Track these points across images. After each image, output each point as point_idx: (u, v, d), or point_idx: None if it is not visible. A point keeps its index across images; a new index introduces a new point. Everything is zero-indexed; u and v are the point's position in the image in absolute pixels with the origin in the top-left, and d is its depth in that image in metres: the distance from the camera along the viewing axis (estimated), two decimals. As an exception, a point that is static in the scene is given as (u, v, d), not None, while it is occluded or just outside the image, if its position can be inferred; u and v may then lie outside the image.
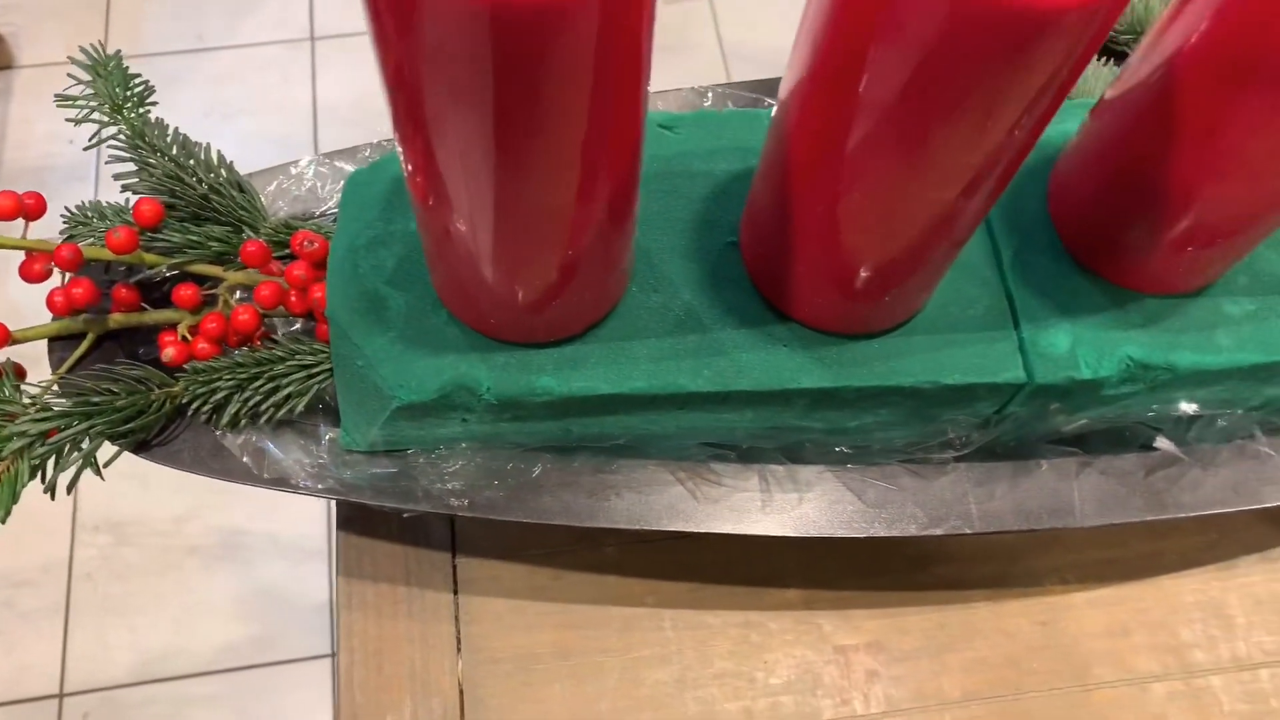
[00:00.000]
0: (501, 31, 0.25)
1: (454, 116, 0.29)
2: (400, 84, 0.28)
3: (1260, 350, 0.41)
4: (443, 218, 0.33)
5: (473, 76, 0.26)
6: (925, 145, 0.30)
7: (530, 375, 0.39)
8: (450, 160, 0.30)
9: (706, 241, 0.42)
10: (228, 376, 0.43)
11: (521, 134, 0.29)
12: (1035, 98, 0.29)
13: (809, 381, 0.40)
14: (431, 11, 0.24)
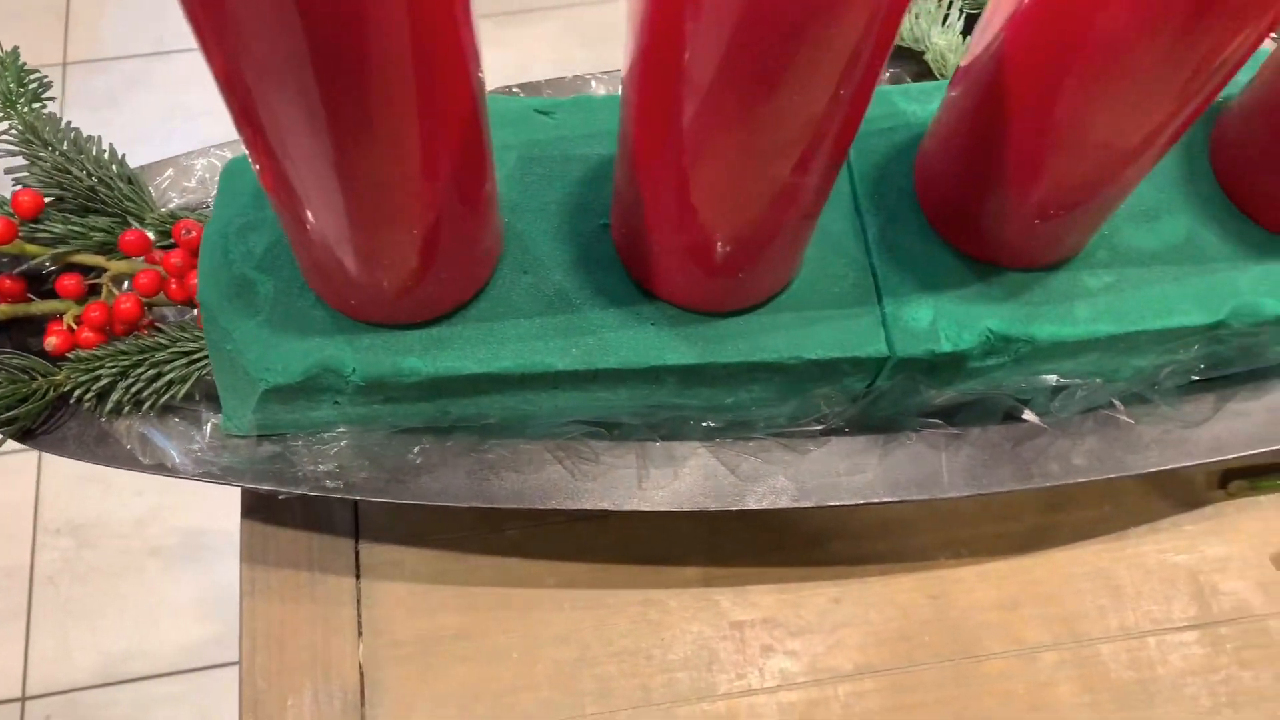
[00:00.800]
0: (312, 19, 0.25)
1: (278, 107, 0.29)
2: (224, 76, 0.29)
3: (1116, 321, 0.42)
4: (290, 205, 0.34)
5: (287, 62, 0.27)
6: (745, 121, 0.31)
7: (396, 356, 0.40)
8: (284, 150, 0.31)
9: (579, 224, 0.43)
10: (110, 364, 0.43)
11: (345, 119, 0.30)
12: (842, 70, 0.29)
13: (675, 359, 0.41)
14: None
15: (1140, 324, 0.42)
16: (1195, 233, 0.43)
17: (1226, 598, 0.53)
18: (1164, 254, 0.43)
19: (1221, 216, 0.44)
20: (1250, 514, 0.55)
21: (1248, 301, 0.42)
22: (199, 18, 0.27)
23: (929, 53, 0.50)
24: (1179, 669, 0.51)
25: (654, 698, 0.50)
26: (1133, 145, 0.35)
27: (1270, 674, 0.51)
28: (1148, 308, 0.42)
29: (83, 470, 0.38)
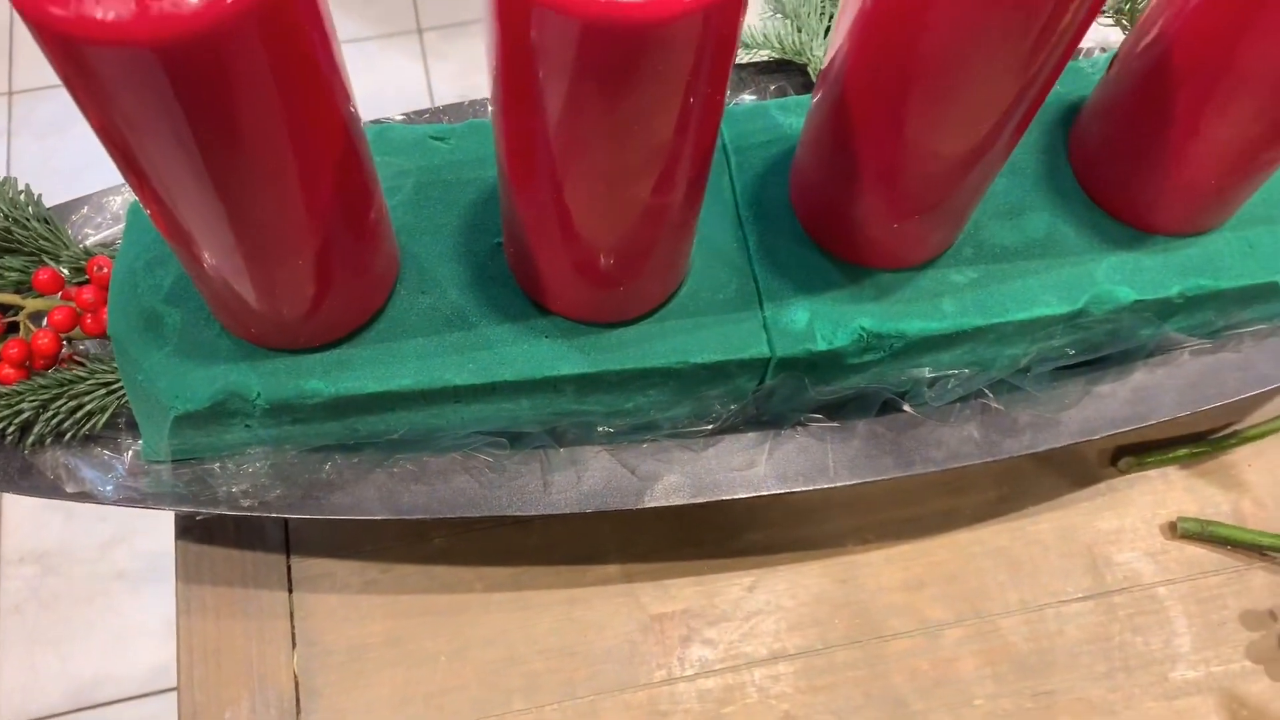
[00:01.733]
0: (170, 65, 0.27)
1: (155, 158, 0.31)
2: (101, 130, 0.31)
3: (981, 314, 0.44)
4: (183, 245, 0.36)
5: (158, 118, 0.29)
6: (598, 148, 0.34)
7: (299, 379, 0.42)
8: (168, 197, 0.33)
9: (474, 243, 0.45)
10: (30, 398, 0.45)
11: (220, 168, 0.32)
12: (682, 101, 0.32)
13: (568, 369, 0.43)
14: (95, 54, 0.27)
15: (1004, 316, 0.44)
16: (1055, 227, 0.46)
17: (1119, 568, 0.56)
18: (1026, 249, 0.46)
19: (1079, 212, 0.46)
20: (1140, 488, 0.58)
21: (1104, 290, 0.45)
22: (69, 77, 0.29)
23: (811, 64, 0.53)
24: (1075, 638, 0.54)
25: (579, 691, 0.53)
26: (973, 148, 0.38)
27: (1160, 638, 0.54)
28: (1011, 300, 0.45)
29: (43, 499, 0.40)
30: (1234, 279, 0.45)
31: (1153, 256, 0.46)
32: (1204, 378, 0.48)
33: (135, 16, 0.26)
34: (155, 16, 0.26)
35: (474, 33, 1.85)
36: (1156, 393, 0.48)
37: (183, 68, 0.28)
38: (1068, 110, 0.48)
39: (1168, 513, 0.57)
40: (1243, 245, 0.46)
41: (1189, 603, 0.55)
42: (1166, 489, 0.58)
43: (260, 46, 0.28)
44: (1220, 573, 0.56)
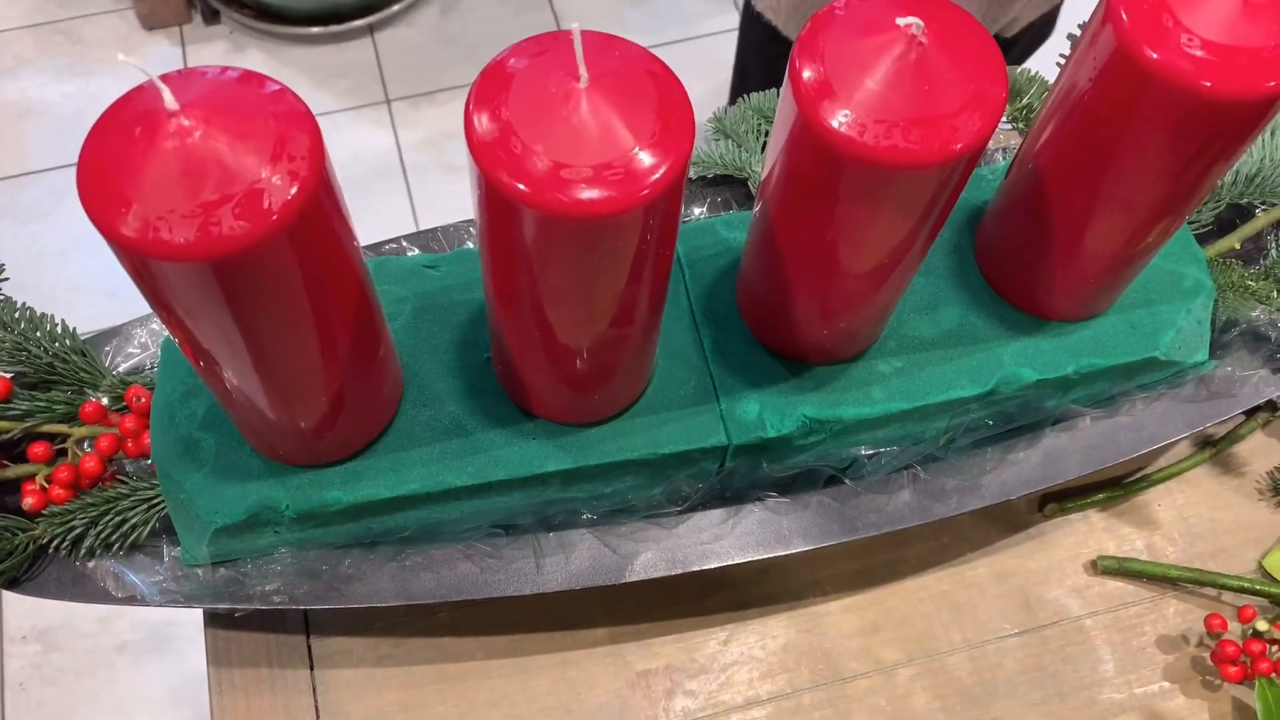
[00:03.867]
0: (220, 274, 0.34)
1: (204, 331, 0.38)
2: (158, 310, 0.38)
3: (906, 399, 0.52)
4: (220, 389, 0.43)
5: (203, 303, 0.36)
6: (567, 296, 0.41)
7: (322, 490, 0.48)
8: (213, 356, 0.40)
9: (466, 359, 0.52)
10: (81, 516, 0.51)
11: (257, 338, 0.39)
12: (628, 264, 0.39)
13: (554, 465, 0.50)
14: (160, 265, 0.34)
15: (926, 399, 0.52)
16: (966, 319, 0.54)
17: (1049, 604, 0.63)
18: (942, 339, 0.53)
19: (987, 303, 0.54)
20: (1064, 530, 0.65)
21: (1010, 372, 0.52)
22: (137, 275, 0.36)
23: (750, 178, 0.60)
24: (1013, 669, 0.61)
25: (576, 744, 0.59)
26: (890, 264, 0.45)
27: (1087, 665, 0.61)
28: (931, 385, 0.52)
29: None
30: (1120, 356, 0.53)
31: (1050, 340, 0.53)
32: (1103, 440, 0.55)
33: (193, 239, 0.33)
34: (208, 238, 0.33)
35: (440, 101, 1.93)
36: (1063, 456, 0.55)
37: (230, 274, 0.34)
38: (974, 213, 0.56)
39: (1089, 552, 0.64)
40: (1126, 326, 0.54)
41: (1111, 632, 0.62)
42: (1088, 530, 0.65)
43: (291, 250, 0.35)
44: (1138, 603, 0.63)
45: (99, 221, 0.33)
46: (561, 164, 0.35)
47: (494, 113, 0.36)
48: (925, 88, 0.36)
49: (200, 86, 0.34)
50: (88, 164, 0.34)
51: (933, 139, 0.36)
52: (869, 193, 0.39)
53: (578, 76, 0.36)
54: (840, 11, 0.39)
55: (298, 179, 0.34)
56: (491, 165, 0.35)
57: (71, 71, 1.95)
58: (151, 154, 0.33)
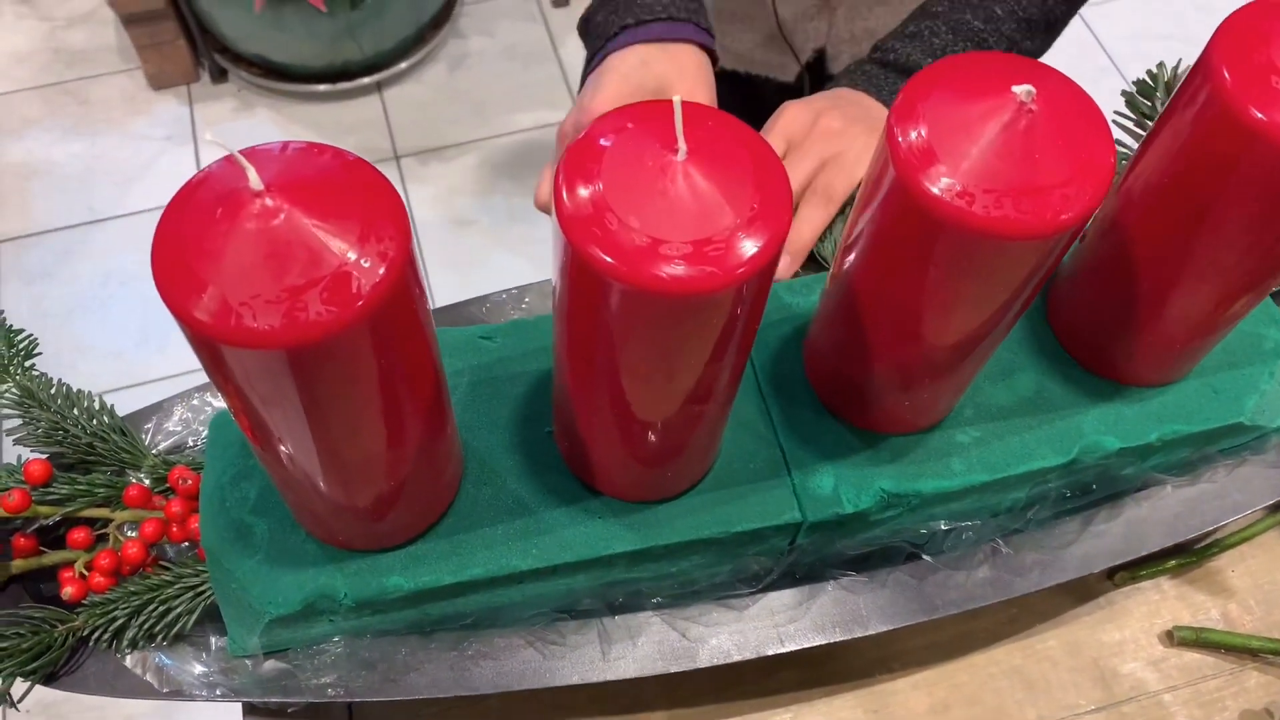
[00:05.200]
0: (296, 363, 0.32)
1: (271, 416, 0.36)
2: (236, 407, 0.36)
3: (987, 470, 0.50)
4: (285, 478, 0.41)
5: (278, 389, 0.34)
6: (649, 374, 0.39)
7: (381, 577, 0.46)
8: (277, 439, 0.38)
9: (527, 434, 0.50)
10: (123, 605, 0.49)
11: (334, 432, 0.37)
12: (715, 342, 0.37)
13: (621, 546, 0.48)
14: (237, 352, 0.32)
15: (1006, 470, 0.50)
16: (1043, 385, 0.52)
17: (1125, 678, 0.60)
18: (1019, 406, 0.51)
19: (1063, 369, 0.52)
20: (1136, 600, 0.62)
21: (1092, 440, 0.50)
22: (211, 365, 0.34)
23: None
24: (1092, 749, 0.58)
25: (637, 836, 0.56)
26: (977, 339, 0.43)
27: (1169, 743, 0.58)
28: (1011, 455, 0.50)
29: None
30: (1204, 422, 0.51)
31: (1131, 407, 0.51)
32: (1186, 508, 0.53)
33: (278, 326, 0.31)
34: (294, 325, 0.31)
35: (449, 157, 1.93)
36: (1145, 526, 0.53)
37: (312, 361, 0.32)
38: (1043, 275, 0.54)
39: (1163, 621, 0.62)
40: (1208, 390, 0.52)
41: (1193, 707, 0.59)
42: (1160, 599, 0.62)
43: (376, 335, 0.33)
44: (1218, 676, 0.60)
45: (177, 309, 0.31)
46: (659, 240, 0.33)
47: (586, 185, 0.34)
48: (1035, 156, 0.35)
49: (280, 163, 0.33)
50: (164, 247, 0.32)
51: (1044, 209, 0.35)
52: (971, 263, 0.38)
53: (675, 149, 0.34)
54: (937, 75, 0.37)
55: (386, 260, 0.32)
56: (584, 240, 0.34)
57: (78, 132, 1.94)
58: (234, 235, 0.31)
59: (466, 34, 2.08)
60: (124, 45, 2.01)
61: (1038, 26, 0.64)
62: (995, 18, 0.60)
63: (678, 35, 0.57)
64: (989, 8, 0.60)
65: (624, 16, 0.57)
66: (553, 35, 2.09)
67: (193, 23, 1.88)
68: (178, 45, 1.92)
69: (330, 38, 1.85)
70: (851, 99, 0.62)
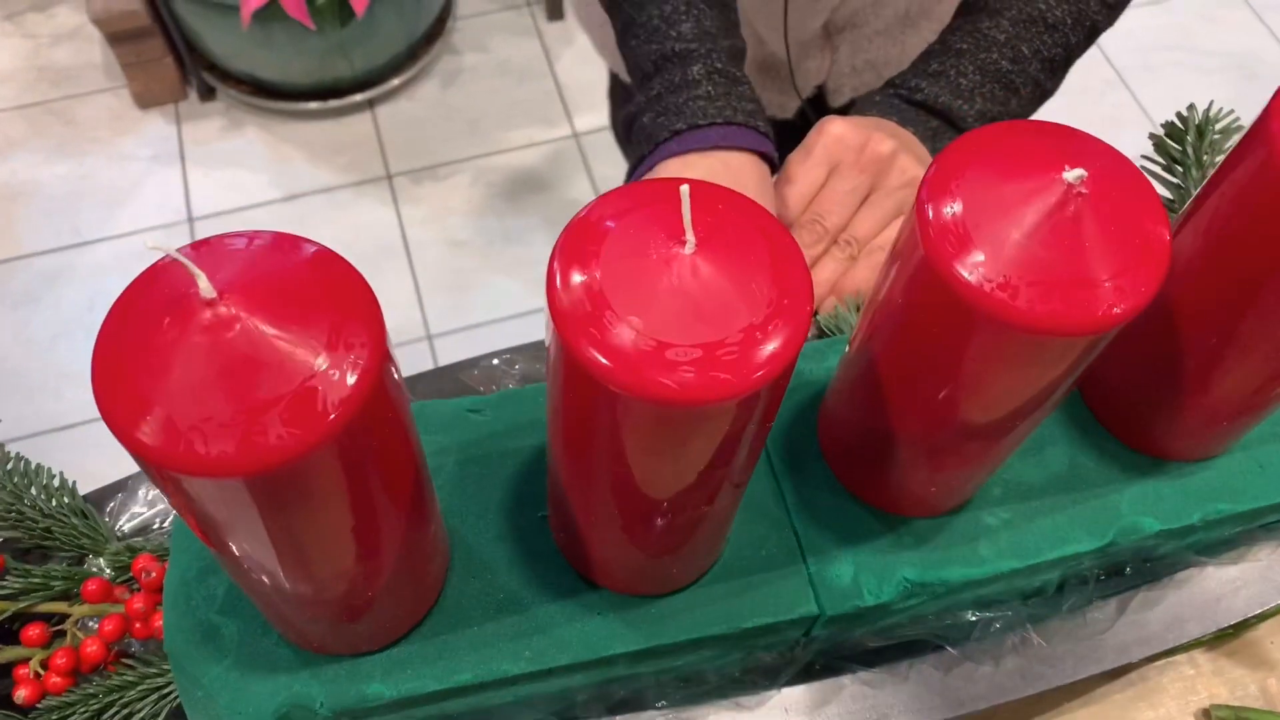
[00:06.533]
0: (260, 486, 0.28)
1: (232, 540, 0.32)
2: (188, 521, 0.32)
3: (1018, 556, 0.46)
4: (248, 585, 0.37)
5: (238, 515, 0.30)
6: (654, 475, 0.35)
7: (361, 684, 0.42)
8: (237, 559, 0.34)
9: (519, 519, 0.46)
10: (81, 709, 0.45)
11: (297, 545, 0.33)
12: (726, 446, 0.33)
13: (622, 647, 0.44)
14: (190, 481, 0.28)
15: (1038, 556, 0.46)
16: (1076, 460, 0.48)
17: (1160, 762, 0.56)
18: (1051, 484, 0.47)
19: (1097, 442, 0.48)
20: (1169, 675, 0.59)
21: (1130, 521, 0.47)
22: (163, 489, 0.30)
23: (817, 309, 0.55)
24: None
25: None
26: (1014, 423, 0.40)
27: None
28: (1044, 539, 0.46)
29: None
30: (1250, 500, 0.47)
31: (1171, 484, 0.47)
32: (1228, 590, 0.50)
33: (233, 451, 0.27)
34: (252, 450, 0.27)
35: (442, 175, 1.89)
36: (1185, 610, 0.49)
37: (274, 485, 0.29)
38: (1072, 338, 0.51)
39: (1200, 699, 0.58)
40: (1253, 465, 0.48)
41: (1232, 793, 0.56)
42: (1195, 674, 0.59)
43: (349, 450, 0.30)
44: (1258, 759, 0.57)
45: (121, 431, 0.27)
46: (665, 343, 0.30)
47: (584, 277, 0.30)
48: (1086, 244, 0.31)
49: (236, 262, 0.29)
50: (106, 361, 0.28)
51: (1095, 302, 0.31)
52: (1012, 355, 0.34)
53: (682, 240, 0.30)
54: (973, 147, 0.34)
55: (357, 368, 0.28)
56: (580, 340, 0.30)
57: (64, 152, 1.90)
58: (183, 349, 0.27)
59: (460, 49, 2.04)
60: (109, 63, 1.97)
61: (1060, 66, 0.60)
62: (1022, 58, 0.56)
63: (735, 143, 0.51)
64: (1016, 47, 0.56)
65: (675, 120, 0.51)
66: (547, 50, 2.06)
67: (179, 40, 1.84)
68: (164, 63, 1.88)
69: (320, 54, 1.81)
70: (890, 127, 0.58)
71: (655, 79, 0.53)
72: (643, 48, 0.53)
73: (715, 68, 0.52)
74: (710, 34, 0.53)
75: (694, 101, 0.51)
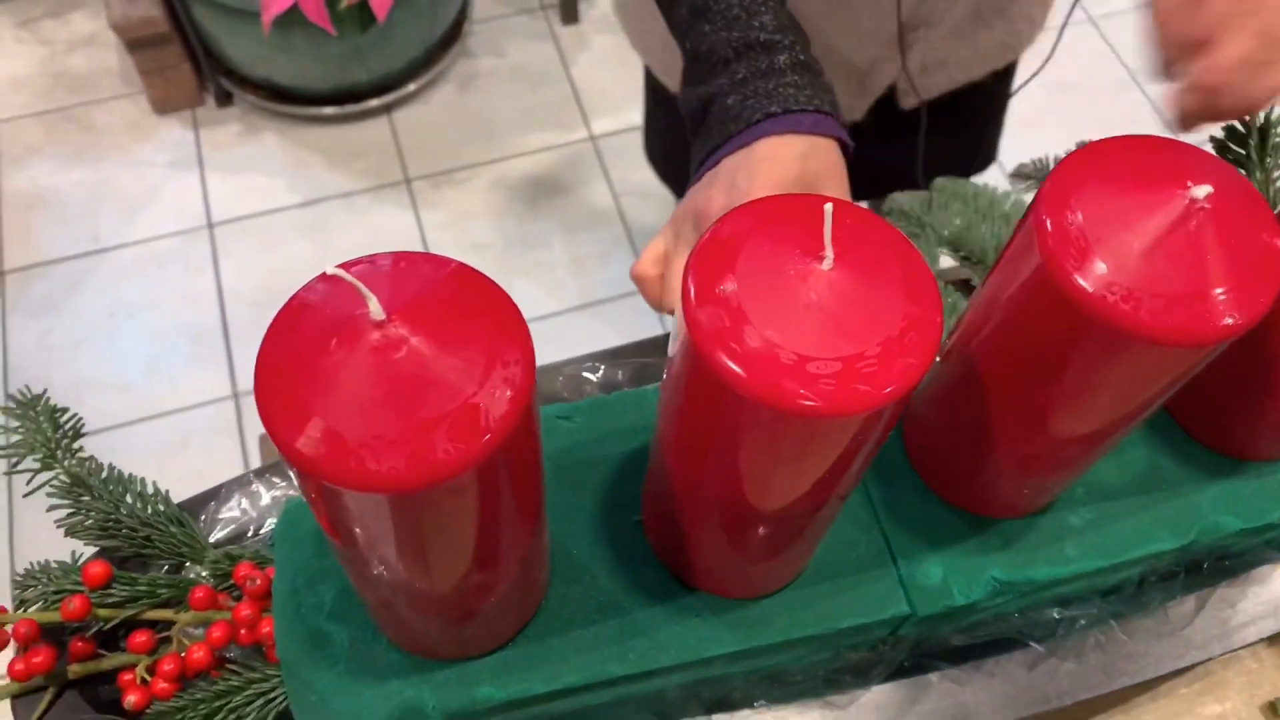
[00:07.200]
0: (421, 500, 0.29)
1: (375, 550, 0.33)
2: (331, 533, 0.33)
3: (1102, 556, 0.47)
4: (376, 598, 0.38)
5: (392, 527, 0.31)
6: (770, 484, 0.36)
7: (471, 688, 0.43)
8: (373, 569, 0.35)
9: (613, 524, 0.47)
10: (190, 714, 0.46)
11: (435, 555, 0.34)
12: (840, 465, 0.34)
13: (721, 648, 0.45)
14: (353, 497, 0.29)
15: (1122, 555, 0.47)
16: (1156, 461, 0.49)
17: (1227, 754, 0.58)
18: (1132, 485, 0.48)
19: (1175, 443, 0.49)
20: (1234, 669, 0.60)
21: (1211, 521, 0.48)
22: (318, 503, 0.31)
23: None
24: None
25: None
26: (1110, 430, 0.41)
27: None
28: (1128, 539, 0.47)
29: None
30: (1327, 498, 0.49)
31: (1250, 483, 0.49)
32: (1305, 585, 0.51)
33: (403, 467, 0.28)
34: (421, 465, 0.28)
35: (460, 180, 1.90)
36: (1264, 608, 0.50)
37: (434, 499, 0.30)
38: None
39: (1264, 693, 0.59)
40: (1330, 464, 0.49)
41: (1299, 785, 0.57)
42: (1259, 668, 0.60)
43: (502, 466, 0.30)
44: (1323, 750, 0.58)
45: (289, 450, 0.28)
46: (806, 356, 0.31)
47: (721, 292, 0.31)
48: (1206, 257, 0.32)
49: (395, 283, 0.30)
50: (271, 381, 0.29)
51: (1215, 314, 0.32)
52: (1128, 365, 0.35)
53: (820, 256, 0.31)
54: (1089, 161, 0.35)
55: (513, 384, 0.29)
56: (718, 353, 0.31)
57: (81, 159, 1.91)
58: (351, 369, 0.28)
59: (476, 54, 2.05)
60: (126, 69, 1.97)
61: None
62: None
63: (826, 130, 0.52)
64: None
65: (768, 104, 0.52)
66: (563, 54, 2.06)
67: (198, 46, 1.85)
68: (182, 69, 1.89)
69: (338, 60, 1.82)
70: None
71: (738, 64, 0.54)
72: (720, 34, 0.54)
73: (799, 59, 0.53)
74: (788, 28, 0.55)
75: (784, 88, 0.53)
